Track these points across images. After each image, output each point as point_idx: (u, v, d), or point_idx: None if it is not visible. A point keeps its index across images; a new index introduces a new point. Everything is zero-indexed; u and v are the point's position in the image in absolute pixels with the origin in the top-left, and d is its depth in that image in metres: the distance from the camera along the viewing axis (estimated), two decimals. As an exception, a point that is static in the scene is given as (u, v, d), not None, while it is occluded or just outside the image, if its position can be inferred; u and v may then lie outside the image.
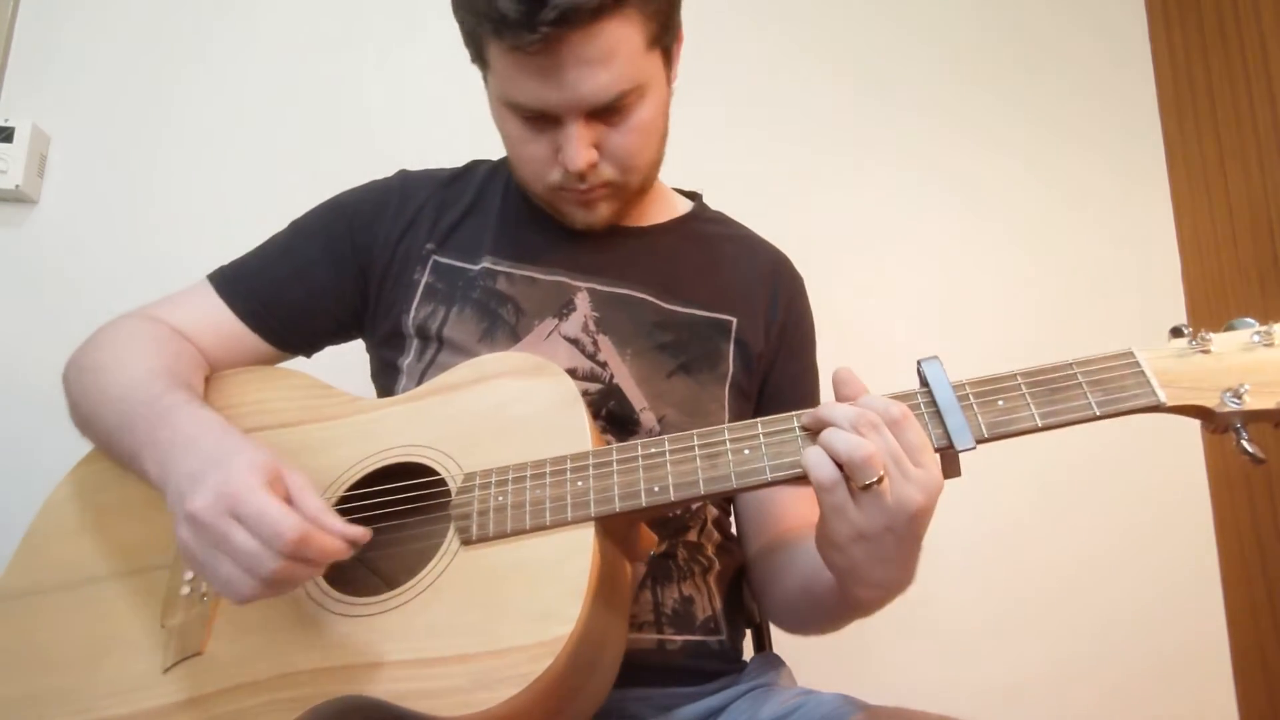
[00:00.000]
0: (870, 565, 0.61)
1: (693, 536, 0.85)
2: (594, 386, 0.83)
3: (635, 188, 0.85)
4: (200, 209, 1.39)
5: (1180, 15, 1.72)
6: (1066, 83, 1.72)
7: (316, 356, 0.95)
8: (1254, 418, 0.58)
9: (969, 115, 1.67)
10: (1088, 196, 1.68)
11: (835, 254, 1.55)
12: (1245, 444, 0.58)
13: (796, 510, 0.89)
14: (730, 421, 0.86)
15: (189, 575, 0.69)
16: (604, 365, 0.84)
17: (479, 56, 0.80)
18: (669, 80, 0.85)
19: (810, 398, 0.96)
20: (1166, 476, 1.56)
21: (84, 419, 0.79)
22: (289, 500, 0.60)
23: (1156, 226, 1.70)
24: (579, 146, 0.77)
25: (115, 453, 0.75)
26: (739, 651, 0.87)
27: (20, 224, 1.36)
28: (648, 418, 0.83)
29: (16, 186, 1.31)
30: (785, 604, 0.84)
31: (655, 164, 0.88)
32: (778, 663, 0.89)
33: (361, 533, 0.60)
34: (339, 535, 0.59)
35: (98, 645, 0.68)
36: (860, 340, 1.50)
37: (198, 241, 0.92)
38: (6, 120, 1.33)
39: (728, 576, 0.88)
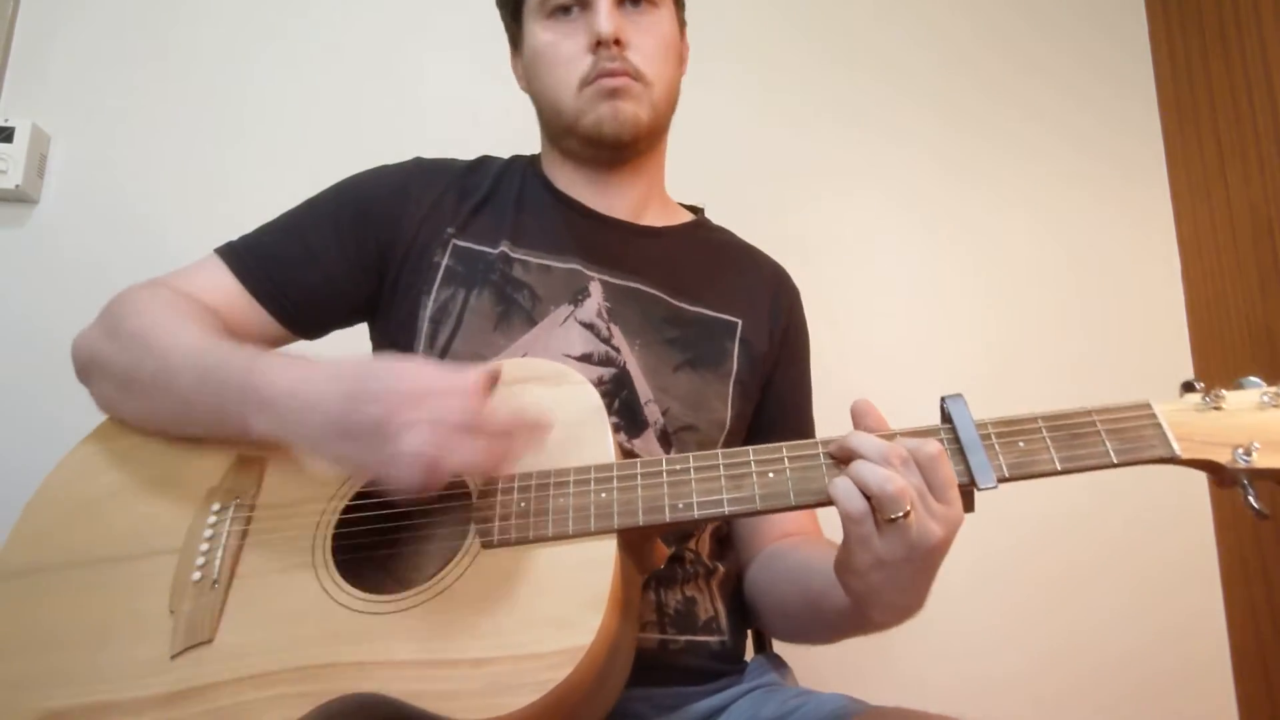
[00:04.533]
0: (885, 590, 0.63)
1: (693, 543, 0.86)
2: (608, 372, 0.84)
3: (656, 102, 0.89)
4: (201, 209, 1.39)
5: (1180, 15, 1.72)
6: (1066, 83, 1.72)
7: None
8: (1261, 475, 0.61)
9: (968, 115, 1.68)
10: (1088, 197, 1.68)
11: (833, 265, 1.55)
12: (1251, 500, 0.60)
13: (795, 517, 0.90)
14: (733, 418, 0.88)
15: (200, 561, 0.68)
16: (617, 351, 0.85)
17: None
18: (681, 44, 0.96)
19: (804, 406, 0.99)
20: (1166, 477, 1.56)
21: (137, 390, 0.75)
22: None
23: (1156, 226, 1.70)
24: (608, 13, 0.86)
25: (191, 416, 0.72)
26: (741, 652, 0.88)
27: (20, 224, 1.35)
28: (653, 410, 0.84)
29: (16, 186, 1.31)
30: (784, 613, 0.85)
31: (668, 91, 0.92)
32: (779, 663, 0.90)
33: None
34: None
35: (102, 627, 0.67)
36: (856, 349, 1.51)
37: (199, 241, 0.91)
38: (6, 120, 1.33)
39: (730, 580, 0.89)
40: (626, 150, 0.91)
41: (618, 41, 0.85)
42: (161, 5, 1.45)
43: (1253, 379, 0.64)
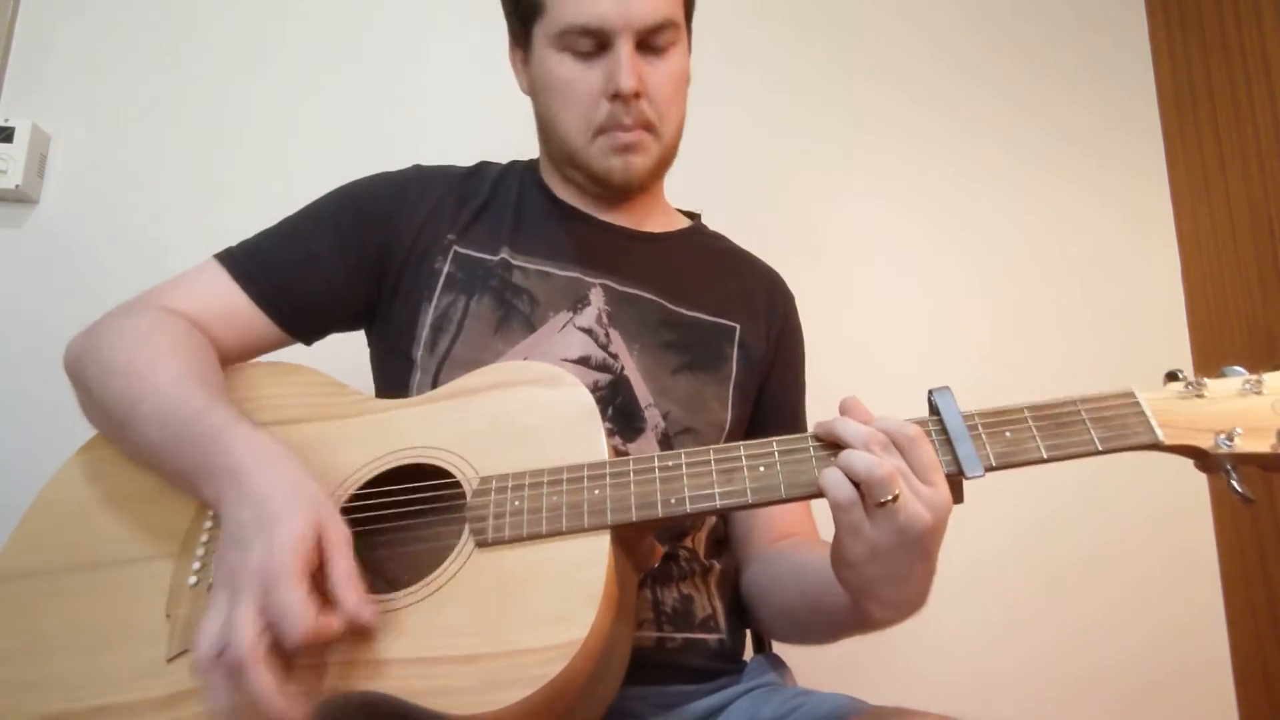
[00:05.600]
0: (882, 583, 0.63)
1: (690, 542, 0.86)
2: (605, 377, 0.84)
3: (665, 146, 0.90)
4: (201, 209, 1.39)
5: (1180, 15, 1.72)
6: (1066, 83, 1.72)
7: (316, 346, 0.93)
8: (1243, 460, 0.62)
9: (968, 115, 1.68)
10: (1088, 196, 1.68)
11: (831, 265, 1.55)
12: (1235, 484, 0.61)
13: (792, 518, 0.90)
14: (732, 420, 0.89)
15: (196, 566, 0.69)
16: (615, 356, 0.86)
17: (528, 11, 0.88)
18: (689, 69, 0.93)
19: (798, 408, 1.00)
20: (1166, 476, 1.56)
21: (110, 424, 0.76)
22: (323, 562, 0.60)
23: (1156, 227, 1.70)
24: (630, 67, 0.83)
25: (155, 466, 0.72)
26: (739, 651, 0.88)
27: (20, 224, 1.36)
28: (652, 414, 0.85)
29: (16, 186, 1.31)
30: (785, 615, 0.85)
31: (679, 128, 0.92)
32: (778, 663, 0.90)
33: (369, 617, 0.60)
34: (350, 616, 0.59)
35: (99, 632, 0.67)
36: (856, 350, 1.51)
37: (199, 242, 0.91)
38: (6, 120, 1.33)
39: (727, 579, 0.89)
40: (634, 193, 0.92)
41: (636, 94, 0.84)
42: (162, 5, 1.45)
43: (1235, 368, 0.65)
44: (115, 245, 1.35)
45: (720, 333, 0.92)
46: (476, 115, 1.45)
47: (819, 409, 0.99)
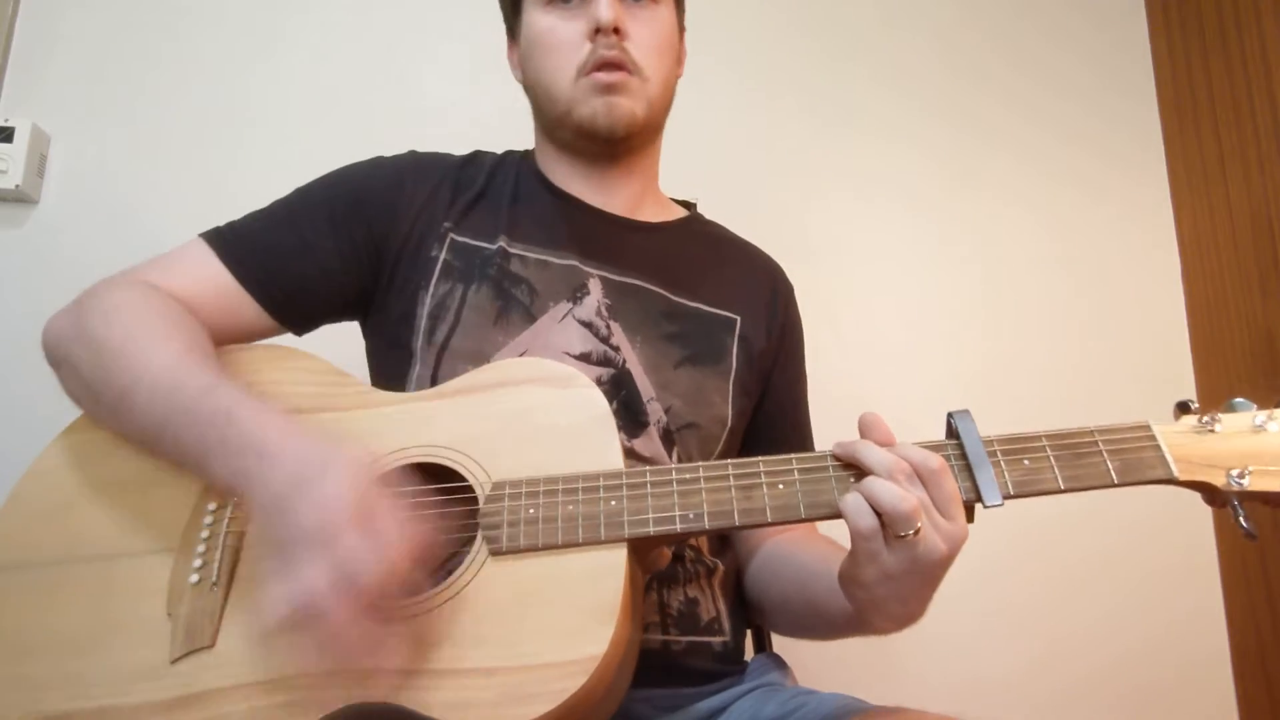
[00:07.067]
0: (889, 602, 0.64)
1: (694, 541, 0.86)
2: (607, 371, 0.83)
3: (652, 98, 0.89)
4: (201, 209, 1.37)
5: (1180, 15, 1.72)
6: (1066, 83, 1.72)
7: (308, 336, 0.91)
8: (1252, 498, 0.63)
9: (968, 115, 1.67)
10: (1088, 196, 1.68)
11: (832, 265, 1.55)
12: (1242, 521, 0.62)
13: None
14: (734, 416, 0.88)
15: (198, 563, 0.67)
16: (616, 350, 0.85)
17: None
18: (679, 44, 0.95)
19: (801, 403, 0.99)
20: (1166, 476, 1.56)
21: (102, 406, 0.72)
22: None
23: (1156, 227, 1.70)
24: (609, 2, 0.84)
25: (152, 447, 0.69)
26: (741, 652, 0.88)
27: (20, 224, 1.35)
28: (654, 408, 0.84)
29: (16, 186, 1.31)
30: (786, 611, 0.86)
31: (664, 86, 0.91)
32: (779, 663, 0.90)
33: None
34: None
35: (95, 629, 0.64)
36: (856, 349, 1.51)
37: (199, 242, 0.91)
38: (6, 120, 1.32)
39: (730, 578, 0.89)
40: (619, 145, 0.90)
41: (617, 30, 0.84)
42: (162, 5, 1.45)
43: (1241, 400, 0.66)
44: (115, 245, 1.34)
45: (721, 325, 0.91)
46: (474, 113, 1.44)
47: (818, 407, 1.00)
